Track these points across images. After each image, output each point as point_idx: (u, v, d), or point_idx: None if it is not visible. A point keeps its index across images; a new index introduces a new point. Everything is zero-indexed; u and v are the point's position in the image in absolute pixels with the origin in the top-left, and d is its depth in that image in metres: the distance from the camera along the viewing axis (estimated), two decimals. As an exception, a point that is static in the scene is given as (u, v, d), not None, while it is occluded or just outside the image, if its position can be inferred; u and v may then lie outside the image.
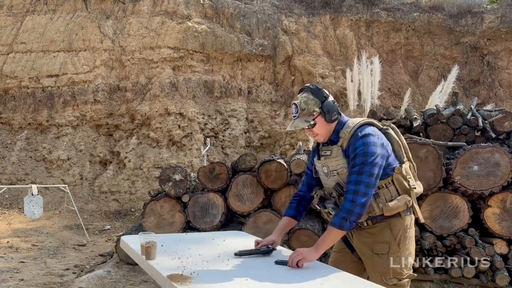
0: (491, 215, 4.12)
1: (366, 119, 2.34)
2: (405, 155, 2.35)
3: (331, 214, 2.33)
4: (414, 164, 2.41)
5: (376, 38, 11.72)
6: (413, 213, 2.35)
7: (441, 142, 4.49)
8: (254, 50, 10.98)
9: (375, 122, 2.35)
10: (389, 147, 2.28)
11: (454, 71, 8.03)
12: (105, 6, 11.40)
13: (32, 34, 11.23)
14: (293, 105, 2.31)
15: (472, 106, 4.90)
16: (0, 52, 11.26)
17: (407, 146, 2.39)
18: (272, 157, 4.87)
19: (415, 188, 2.31)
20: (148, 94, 10.45)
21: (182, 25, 10.86)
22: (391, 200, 2.24)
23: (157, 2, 11.26)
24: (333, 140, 2.32)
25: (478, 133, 4.69)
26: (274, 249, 2.36)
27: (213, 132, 10.45)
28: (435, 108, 4.88)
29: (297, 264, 2.10)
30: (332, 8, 11.71)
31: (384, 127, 2.37)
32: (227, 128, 10.56)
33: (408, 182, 2.29)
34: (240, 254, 2.31)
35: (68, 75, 10.76)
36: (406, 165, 2.32)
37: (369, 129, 2.24)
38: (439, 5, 11.78)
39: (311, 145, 6.92)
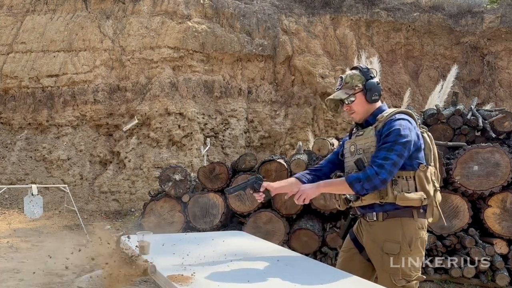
0: (491, 215, 4.11)
1: (407, 110, 2.35)
2: (433, 162, 2.34)
3: (343, 195, 2.32)
4: (440, 176, 2.40)
5: (376, 38, 11.72)
6: (431, 216, 2.30)
7: (441, 142, 4.49)
8: (254, 50, 10.97)
9: (415, 115, 2.36)
10: (422, 142, 2.29)
11: (453, 71, 8.02)
12: (105, 6, 11.39)
13: (32, 34, 11.22)
14: (339, 78, 2.36)
15: (472, 106, 4.90)
16: (0, 52, 11.26)
17: (437, 155, 2.38)
18: (272, 157, 4.87)
19: (439, 190, 2.30)
20: (148, 94, 10.45)
21: (182, 25, 10.86)
22: (407, 192, 2.21)
23: (157, 2, 11.26)
24: (369, 121, 2.33)
25: (478, 133, 4.69)
26: (263, 177, 2.39)
27: (213, 132, 10.45)
28: (435, 108, 4.87)
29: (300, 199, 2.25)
30: (332, 8, 11.71)
31: (421, 130, 2.37)
32: (227, 128, 10.56)
33: (433, 182, 2.26)
34: (231, 190, 2.36)
35: (68, 75, 10.76)
36: (432, 169, 2.30)
37: (407, 116, 2.27)
38: (439, 5, 11.78)
39: (311, 145, 6.91)
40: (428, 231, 4.15)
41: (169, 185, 4.85)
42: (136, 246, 2.27)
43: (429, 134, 2.41)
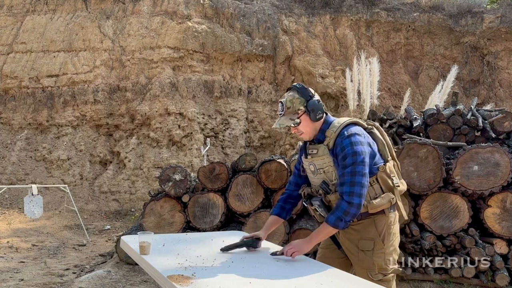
0: (491, 215, 4.11)
1: (351, 118, 2.40)
2: (389, 154, 2.41)
3: (317, 211, 2.41)
4: (398, 163, 2.49)
5: (376, 38, 11.72)
6: (397, 210, 2.41)
7: (441, 142, 4.49)
8: (254, 50, 10.98)
9: (360, 121, 2.41)
10: (375, 146, 2.35)
11: (453, 71, 8.02)
12: (105, 6, 11.40)
13: (32, 34, 11.22)
14: (279, 103, 2.39)
15: (472, 106, 4.90)
16: (0, 52, 11.26)
17: (391, 145, 2.46)
18: (272, 157, 4.87)
19: (398, 186, 2.37)
20: (148, 94, 10.45)
21: (182, 25, 10.86)
22: (375, 198, 2.31)
23: (157, 2, 11.26)
24: (319, 139, 2.38)
25: (478, 133, 4.69)
26: (258, 238, 2.45)
27: (213, 132, 10.45)
28: (435, 108, 4.87)
29: (291, 255, 2.25)
30: (332, 8, 11.71)
31: (369, 126, 2.43)
32: (227, 128, 10.56)
33: (392, 180, 2.35)
34: (226, 249, 2.38)
35: (68, 75, 10.76)
36: (390, 164, 2.38)
37: (355, 129, 2.30)
38: (439, 5, 11.78)
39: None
40: (428, 231, 4.17)
41: (169, 185, 4.85)
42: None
43: (378, 126, 2.46)
